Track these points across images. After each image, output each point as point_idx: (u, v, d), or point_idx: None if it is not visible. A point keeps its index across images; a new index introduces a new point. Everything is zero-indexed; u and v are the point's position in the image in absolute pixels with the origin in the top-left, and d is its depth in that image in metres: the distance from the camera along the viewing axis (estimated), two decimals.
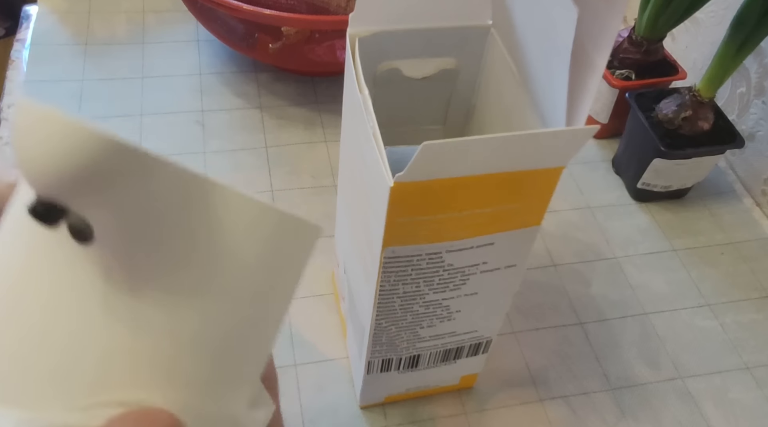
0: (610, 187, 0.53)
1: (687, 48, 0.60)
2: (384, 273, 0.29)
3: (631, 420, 0.40)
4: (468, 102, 0.36)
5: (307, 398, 0.39)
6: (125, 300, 0.17)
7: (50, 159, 0.14)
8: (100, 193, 0.15)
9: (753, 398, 0.41)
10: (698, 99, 0.48)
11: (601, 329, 0.44)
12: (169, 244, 0.16)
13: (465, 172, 0.25)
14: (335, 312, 0.43)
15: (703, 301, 0.46)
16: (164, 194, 0.15)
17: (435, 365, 0.36)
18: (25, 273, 0.17)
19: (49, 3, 0.60)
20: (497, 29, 0.32)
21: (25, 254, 0.17)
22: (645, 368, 0.42)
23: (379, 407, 0.39)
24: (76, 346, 0.17)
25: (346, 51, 0.30)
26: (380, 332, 0.32)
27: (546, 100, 0.28)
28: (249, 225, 0.17)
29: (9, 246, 0.17)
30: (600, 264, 0.47)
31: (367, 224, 0.29)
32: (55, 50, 0.57)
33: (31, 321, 0.17)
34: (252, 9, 0.46)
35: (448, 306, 0.32)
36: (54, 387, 0.17)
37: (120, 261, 0.16)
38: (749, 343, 0.44)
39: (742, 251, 0.49)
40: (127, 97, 0.54)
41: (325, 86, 0.57)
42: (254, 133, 0.53)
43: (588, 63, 0.25)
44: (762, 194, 0.53)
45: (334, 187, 0.49)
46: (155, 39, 0.59)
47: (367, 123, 0.26)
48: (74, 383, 0.17)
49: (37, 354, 0.17)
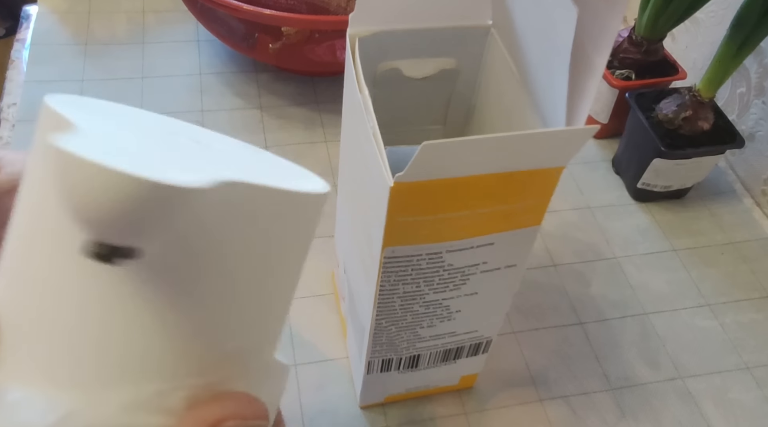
0: (610, 187, 0.53)
1: (687, 48, 0.60)
2: (384, 273, 0.29)
3: (631, 420, 0.40)
4: (468, 102, 0.36)
5: (307, 398, 0.39)
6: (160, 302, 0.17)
7: (99, 208, 0.15)
8: (150, 227, 0.16)
9: (753, 398, 0.41)
10: (698, 99, 0.48)
11: (601, 329, 0.44)
12: (208, 255, 0.17)
13: (465, 172, 0.25)
14: (335, 312, 0.43)
15: (703, 301, 0.46)
16: (204, 213, 0.16)
17: (435, 365, 0.36)
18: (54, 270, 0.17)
19: (49, 3, 0.60)
20: (497, 29, 0.32)
21: (50, 248, 0.17)
22: (645, 368, 0.42)
23: (379, 407, 0.39)
24: (123, 337, 0.17)
25: (346, 51, 0.30)
26: (380, 332, 0.32)
27: (546, 100, 0.28)
28: (272, 212, 0.18)
29: (30, 236, 0.18)
30: (600, 264, 0.47)
31: (367, 223, 0.29)
32: (55, 50, 0.57)
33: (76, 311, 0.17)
34: (252, 9, 0.46)
35: (448, 306, 0.32)
36: (108, 370, 0.17)
37: (163, 276, 0.17)
38: (749, 343, 0.44)
39: (742, 251, 0.49)
40: (127, 97, 0.54)
41: (325, 86, 0.57)
42: (254, 133, 0.53)
43: (588, 63, 0.25)
44: (762, 194, 0.53)
45: (334, 187, 0.49)
46: (155, 39, 0.59)
47: (367, 123, 0.26)
48: (132, 368, 0.17)
49: (89, 342, 0.17)
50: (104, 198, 0.15)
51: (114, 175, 0.14)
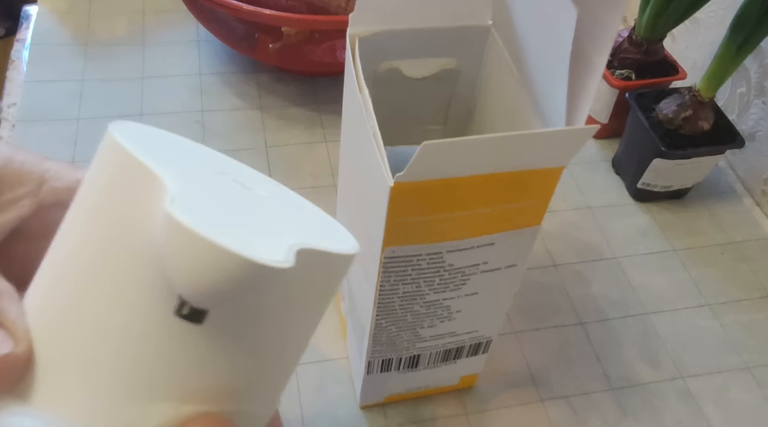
0: (610, 187, 0.53)
1: (687, 48, 0.60)
2: (384, 273, 0.29)
3: (632, 420, 0.40)
4: (468, 102, 0.36)
5: (307, 398, 0.39)
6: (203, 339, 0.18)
7: (200, 280, 0.16)
8: (237, 299, 0.17)
9: (753, 398, 0.41)
10: (698, 99, 0.48)
11: (601, 329, 0.44)
12: (264, 314, 0.19)
13: (465, 172, 0.25)
14: (335, 312, 0.43)
15: (703, 301, 0.46)
16: (276, 283, 0.18)
17: (435, 365, 0.36)
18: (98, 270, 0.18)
19: (49, 3, 0.60)
20: (497, 29, 0.32)
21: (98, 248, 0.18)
22: (646, 368, 0.42)
23: (379, 407, 0.39)
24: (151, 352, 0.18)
25: (346, 51, 0.30)
26: (380, 332, 0.32)
27: (546, 100, 0.28)
28: (322, 272, 0.20)
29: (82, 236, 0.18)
30: (600, 264, 0.47)
31: (367, 224, 0.29)
32: (55, 50, 0.57)
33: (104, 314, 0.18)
34: (252, 9, 0.46)
35: (449, 306, 0.32)
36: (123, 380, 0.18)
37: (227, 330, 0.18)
38: (749, 343, 0.44)
39: (742, 251, 0.49)
40: (127, 98, 0.54)
41: (325, 86, 0.57)
42: (254, 133, 0.53)
43: (588, 63, 0.25)
44: (762, 194, 0.53)
45: (334, 187, 0.49)
46: (155, 39, 0.59)
47: (367, 123, 0.26)
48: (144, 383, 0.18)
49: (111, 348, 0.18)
50: (208, 272, 0.16)
51: (222, 253, 0.16)
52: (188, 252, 0.16)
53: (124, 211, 0.18)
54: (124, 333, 0.17)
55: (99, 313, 0.18)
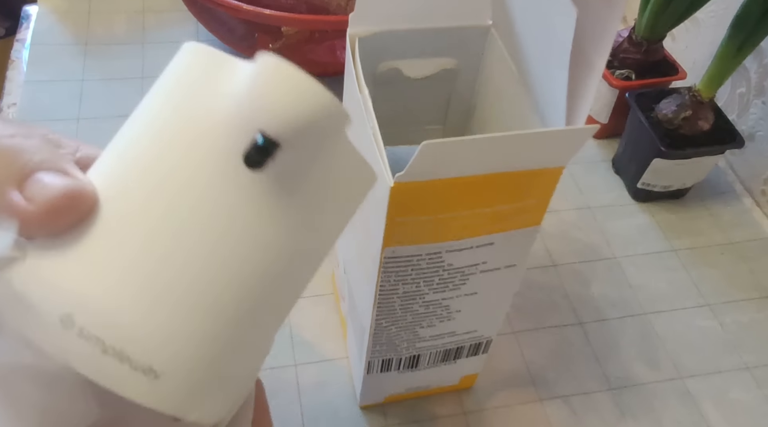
0: (610, 187, 0.53)
1: (687, 48, 0.60)
2: (384, 273, 0.29)
3: (630, 420, 0.40)
4: (468, 102, 0.36)
5: (307, 398, 0.39)
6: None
7: (291, 108, 0.18)
8: (308, 141, 0.18)
9: (753, 398, 0.41)
10: (698, 99, 0.48)
11: (600, 329, 0.44)
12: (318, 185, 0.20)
13: (465, 172, 0.25)
14: (335, 312, 0.43)
15: (703, 301, 0.46)
16: (336, 150, 0.19)
17: (435, 365, 0.36)
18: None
19: (49, 3, 0.60)
20: (497, 29, 0.32)
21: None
22: (645, 368, 0.42)
23: (379, 407, 0.39)
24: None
25: (346, 51, 0.30)
26: (380, 332, 0.32)
27: (546, 100, 0.28)
28: (351, 171, 0.21)
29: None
30: (600, 264, 0.47)
31: (367, 224, 0.29)
32: (55, 50, 0.57)
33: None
34: (252, 9, 0.46)
35: (448, 306, 0.32)
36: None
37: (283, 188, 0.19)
38: (749, 343, 0.44)
39: (742, 251, 0.49)
40: (127, 97, 0.54)
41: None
42: None
43: (587, 63, 0.25)
44: (762, 194, 0.53)
45: None
46: (155, 39, 0.59)
47: (367, 123, 0.27)
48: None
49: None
50: (300, 100, 0.18)
51: (313, 85, 0.18)
52: (285, 84, 0.18)
53: (199, 83, 0.19)
54: (192, 192, 0.18)
55: (168, 180, 0.18)
